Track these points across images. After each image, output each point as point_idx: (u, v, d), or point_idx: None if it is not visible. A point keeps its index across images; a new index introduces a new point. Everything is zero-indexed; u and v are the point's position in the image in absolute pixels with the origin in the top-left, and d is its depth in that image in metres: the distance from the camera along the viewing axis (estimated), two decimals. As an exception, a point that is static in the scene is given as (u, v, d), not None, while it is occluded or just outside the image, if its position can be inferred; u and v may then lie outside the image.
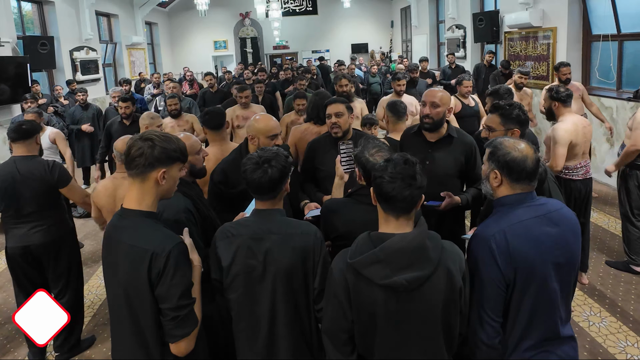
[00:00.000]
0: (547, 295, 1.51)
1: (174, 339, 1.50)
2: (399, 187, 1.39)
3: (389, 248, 1.38)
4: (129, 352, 1.57)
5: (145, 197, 1.55)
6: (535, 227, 1.51)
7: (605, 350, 2.86)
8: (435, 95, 2.48)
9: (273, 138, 2.35)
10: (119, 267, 1.53)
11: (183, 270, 1.50)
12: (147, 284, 1.48)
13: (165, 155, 1.53)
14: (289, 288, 1.63)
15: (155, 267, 1.46)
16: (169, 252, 1.47)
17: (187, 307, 1.50)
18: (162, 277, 1.47)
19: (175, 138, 1.61)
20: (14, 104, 6.94)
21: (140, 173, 1.53)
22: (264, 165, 1.64)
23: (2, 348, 3.25)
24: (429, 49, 13.11)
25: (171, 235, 1.55)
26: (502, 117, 2.21)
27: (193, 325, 1.52)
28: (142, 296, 1.49)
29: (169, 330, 1.49)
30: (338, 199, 2.04)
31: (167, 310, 1.48)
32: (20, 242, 2.80)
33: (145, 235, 1.51)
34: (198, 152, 2.13)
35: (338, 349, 1.49)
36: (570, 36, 6.69)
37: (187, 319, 1.50)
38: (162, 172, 1.53)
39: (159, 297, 1.48)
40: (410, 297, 1.39)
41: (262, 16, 15.46)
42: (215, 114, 3.00)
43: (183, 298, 1.48)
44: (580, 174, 3.33)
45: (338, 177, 2.19)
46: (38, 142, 2.92)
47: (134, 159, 1.51)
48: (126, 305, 1.53)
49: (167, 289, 1.47)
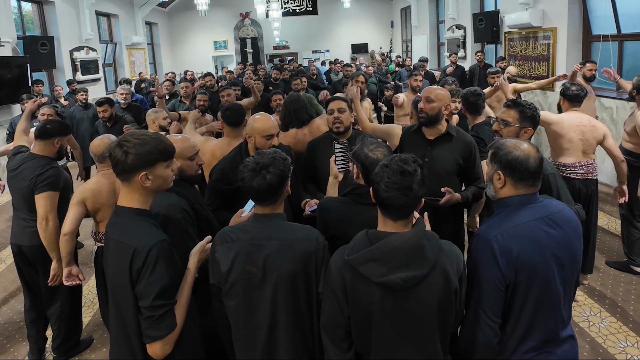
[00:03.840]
0: (549, 297, 1.51)
1: (148, 340, 1.47)
2: (395, 197, 1.39)
3: (386, 246, 1.38)
4: (117, 350, 1.57)
5: (135, 196, 1.56)
6: (538, 229, 1.51)
7: (605, 351, 2.86)
8: (431, 91, 2.54)
9: (269, 138, 2.35)
10: (109, 264, 1.55)
11: (162, 269, 1.47)
12: (129, 281, 1.47)
13: (140, 161, 1.51)
14: (291, 294, 1.60)
15: (135, 263, 1.45)
16: (149, 249, 1.45)
17: (162, 308, 1.46)
18: (141, 274, 1.45)
19: (155, 139, 1.56)
20: (14, 104, 6.94)
21: (125, 179, 1.54)
22: (261, 171, 1.60)
23: (2, 348, 3.25)
24: (429, 49, 13.11)
25: (155, 232, 1.53)
26: (520, 114, 2.30)
27: (168, 328, 1.47)
28: (125, 293, 1.48)
29: (144, 329, 1.47)
30: (334, 198, 2.03)
31: (143, 309, 1.46)
32: (14, 239, 2.84)
33: (131, 232, 1.50)
34: (191, 158, 2.01)
35: (336, 344, 1.49)
36: (570, 36, 6.70)
37: (163, 320, 1.46)
38: (144, 175, 1.53)
39: (138, 294, 1.46)
40: (406, 296, 1.39)
41: (262, 16, 15.46)
42: (235, 111, 3.04)
43: (159, 298, 1.45)
44: (579, 173, 3.27)
45: (332, 176, 2.19)
46: (56, 145, 2.80)
47: (115, 165, 1.53)
48: (114, 303, 1.53)
49: (144, 287, 1.45)
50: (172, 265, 1.53)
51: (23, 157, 2.80)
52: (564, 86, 3.38)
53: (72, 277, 2.56)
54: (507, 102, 2.40)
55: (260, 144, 2.34)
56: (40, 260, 2.79)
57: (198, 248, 1.72)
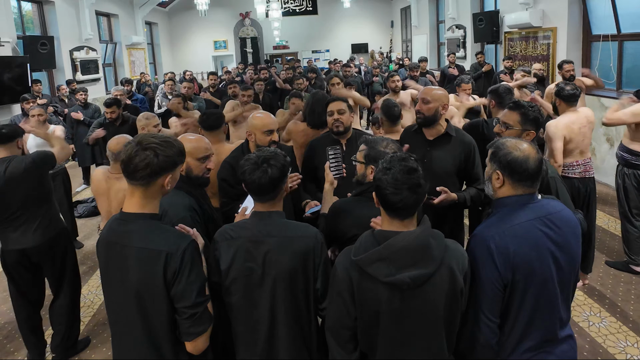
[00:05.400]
0: (547, 297, 1.51)
1: (191, 337, 1.51)
2: (407, 197, 1.39)
3: (393, 246, 1.38)
4: (138, 354, 1.55)
5: (149, 202, 1.55)
6: (535, 229, 1.51)
7: (605, 350, 2.85)
8: (427, 92, 2.51)
9: (269, 134, 2.36)
10: (129, 271, 1.50)
11: (198, 267, 1.52)
12: (163, 285, 1.47)
13: (169, 163, 1.53)
14: (289, 291, 1.61)
15: (171, 266, 1.46)
16: (183, 250, 1.48)
17: (203, 304, 1.52)
18: (179, 276, 1.47)
19: (173, 140, 1.58)
20: (14, 104, 6.94)
21: (147, 182, 1.51)
22: (263, 165, 1.62)
23: (2, 348, 3.25)
24: (429, 49, 13.11)
25: (182, 234, 1.55)
26: (522, 117, 2.25)
27: (209, 321, 1.54)
28: (156, 297, 1.49)
29: (186, 328, 1.50)
30: (346, 199, 2.00)
31: (185, 309, 1.49)
32: (15, 245, 2.78)
33: (156, 236, 1.50)
34: (201, 160, 2.02)
35: (341, 346, 1.49)
36: (570, 36, 6.70)
37: (204, 315, 1.52)
38: (169, 178, 1.54)
39: (175, 296, 1.49)
40: (413, 295, 1.39)
41: (262, 16, 15.45)
42: (211, 116, 3.06)
43: (200, 295, 1.50)
44: (577, 172, 3.30)
45: (328, 182, 2.17)
46: (19, 146, 2.85)
47: (138, 170, 1.48)
48: (137, 308, 1.51)
49: (184, 288, 1.48)
50: (201, 262, 1.58)
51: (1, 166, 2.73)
52: (558, 87, 3.41)
53: None
54: (510, 104, 2.36)
55: (260, 141, 2.35)
56: (46, 257, 2.86)
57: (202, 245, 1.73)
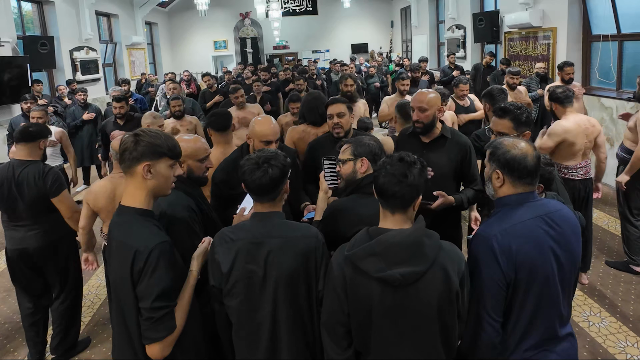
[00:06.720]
0: (548, 295, 1.51)
1: (147, 341, 1.47)
2: (389, 182, 1.43)
3: (385, 242, 1.39)
4: (119, 349, 1.57)
5: (137, 193, 1.55)
6: (537, 227, 1.52)
7: (605, 350, 2.86)
8: (421, 99, 2.45)
9: (267, 144, 2.32)
10: (111, 264, 1.55)
11: (163, 270, 1.46)
12: (130, 281, 1.47)
13: (149, 149, 1.53)
14: (292, 292, 1.60)
15: (136, 264, 1.45)
16: (150, 250, 1.45)
17: (161, 310, 1.45)
18: (142, 275, 1.45)
19: (166, 136, 1.60)
20: (14, 104, 6.94)
21: (128, 167, 1.55)
22: (263, 165, 1.61)
23: (2, 348, 3.25)
24: (429, 49, 13.12)
25: (157, 233, 1.52)
26: (514, 122, 2.27)
27: (168, 330, 1.46)
28: (126, 293, 1.48)
29: (143, 330, 1.47)
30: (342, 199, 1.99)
31: (143, 310, 1.46)
32: (17, 244, 2.81)
33: (133, 232, 1.50)
34: (201, 160, 2.03)
35: (335, 342, 1.49)
36: (570, 36, 6.70)
37: (162, 322, 1.45)
38: (146, 166, 1.53)
39: (138, 295, 1.46)
40: (405, 292, 1.39)
41: (262, 16, 15.46)
42: (221, 116, 3.02)
43: (159, 300, 1.44)
44: (579, 174, 3.33)
45: (322, 191, 2.16)
46: (42, 147, 2.85)
47: (122, 153, 1.54)
48: (115, 302, 1.54)
49: (145, 288, 1.45)
50: (173, 267, 1.52)
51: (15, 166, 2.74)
52: (550, 92, 3.43)
53: (87, 263, 2.86)
54: (497, 111, 2.34)
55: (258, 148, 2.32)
56: (48, 258, 2.86)
57: (200, 251, 1.72)
